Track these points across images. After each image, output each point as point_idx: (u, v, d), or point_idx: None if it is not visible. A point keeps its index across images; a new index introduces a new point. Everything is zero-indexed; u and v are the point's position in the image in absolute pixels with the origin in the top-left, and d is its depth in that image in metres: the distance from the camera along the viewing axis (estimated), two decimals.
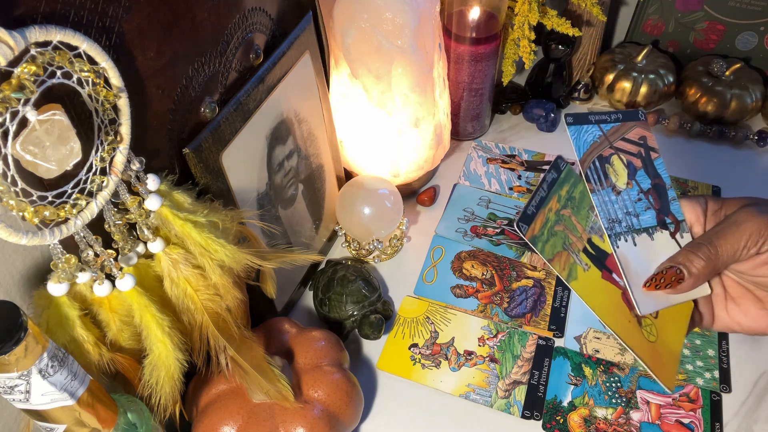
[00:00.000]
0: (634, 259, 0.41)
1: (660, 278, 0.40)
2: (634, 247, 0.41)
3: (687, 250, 0.41)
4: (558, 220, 0.40)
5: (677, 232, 0.42)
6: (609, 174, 0.41)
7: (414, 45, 0.63)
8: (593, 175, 0.41)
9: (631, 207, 0.42)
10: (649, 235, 0.42)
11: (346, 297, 0.67)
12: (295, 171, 0.64)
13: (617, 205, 0.41)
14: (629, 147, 0.43)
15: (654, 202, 0.42)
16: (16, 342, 0.33)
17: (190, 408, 0.55)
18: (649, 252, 0.41)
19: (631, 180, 0.42)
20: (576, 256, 0.40)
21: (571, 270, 0.40)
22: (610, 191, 0.41)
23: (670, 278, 0.40)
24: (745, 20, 0.89)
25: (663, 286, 0.40)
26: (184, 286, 0.47)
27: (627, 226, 0.41)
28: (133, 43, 0.41)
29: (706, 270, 0.40)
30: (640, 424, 0.61)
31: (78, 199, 0.38)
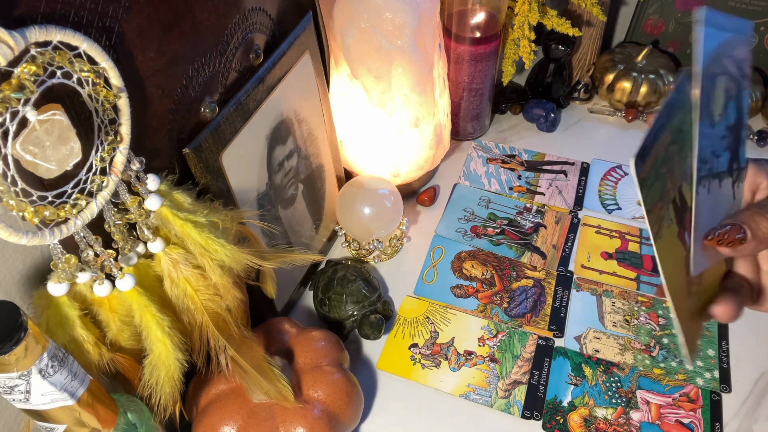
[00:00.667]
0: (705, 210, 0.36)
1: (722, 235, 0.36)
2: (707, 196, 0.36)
3: (754, 211, 0.37)
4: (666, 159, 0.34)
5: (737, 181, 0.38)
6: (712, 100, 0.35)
7: (414, 45, 0.63)
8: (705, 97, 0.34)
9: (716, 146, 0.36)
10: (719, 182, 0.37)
11: (346, 297, 0.67)
12: (295, 171, 0.64)
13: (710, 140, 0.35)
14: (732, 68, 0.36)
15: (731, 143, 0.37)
16: (16, 342, 0.33)
17: (190, 408, 0.55)
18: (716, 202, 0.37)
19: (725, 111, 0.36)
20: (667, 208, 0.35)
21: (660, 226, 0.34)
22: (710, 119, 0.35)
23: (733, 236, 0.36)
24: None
25: (725, 244, 0.36)
26: (184, 286, 0.47)
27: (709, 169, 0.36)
28: (133, 43, 0.41)
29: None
30: (640, 424, 0.60)
31: (78, 199, 0.38)
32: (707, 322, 0.38)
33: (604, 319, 0.69)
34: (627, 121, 0.90)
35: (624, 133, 0.90)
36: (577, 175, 0.84)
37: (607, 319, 0.69)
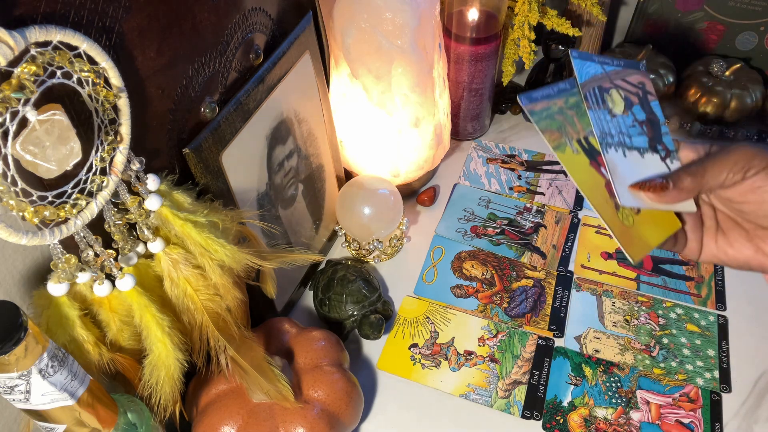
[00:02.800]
0: (622, 165, 0.43)
1: (645, 183, 0.43)
2: (623, 158, 0.44)
3: (680, 169, 0.44)
4: (560, 113, 0.43)
5: (667, 158, 0.45)
6: (607, 100, 0.44)
7: (414, 45, 0.63)
8: (591, 98, 0.43)
9: (624, 129, 0.44)
10: (639, 154, 0.44)
11: (346, 297, 0.67)
12: (295, 171, 0.64)
13: (611, 123, 0.44)
14: (628, 87, 0.46)
15: (647, 130, 0.45)
16: (16, 342, 0.33)
17: (190, 408, 0.55)
18: (638, 166, 0.44)
19: (627, 110, 0.45)
20: (569, 140, 0.43)
21: (560, 144, 0.42)
22: (606, 113, 0.44)
23: (655, 185, 0.43)
24: (745, 20, 0.89)
25: (647, 189, 0.43)
26: (184, 286, 0.47)
27: (619, 141, 0.44)
28: (133, 43, 0.41)
29: (690, 185, 0.43)
30: (640, 424, 0.60)
31: (78, 199, 0.38)
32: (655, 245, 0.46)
33: (604, 319, 0.69)
34: None
35: None
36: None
37: (607, 319, 0.69)
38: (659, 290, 0.71)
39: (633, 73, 0.47)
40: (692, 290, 0.71)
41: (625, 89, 0.46)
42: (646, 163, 0.44)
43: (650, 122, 0.46)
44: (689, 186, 0.43)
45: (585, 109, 0.43)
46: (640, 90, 0.46)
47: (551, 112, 0.43)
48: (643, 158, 0.44)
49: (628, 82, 0.46)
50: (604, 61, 0.45)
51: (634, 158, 0.44)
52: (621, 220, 0.44)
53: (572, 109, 0.44)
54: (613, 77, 0.45)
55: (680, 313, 0.69)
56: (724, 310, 0.69)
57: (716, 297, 0.70)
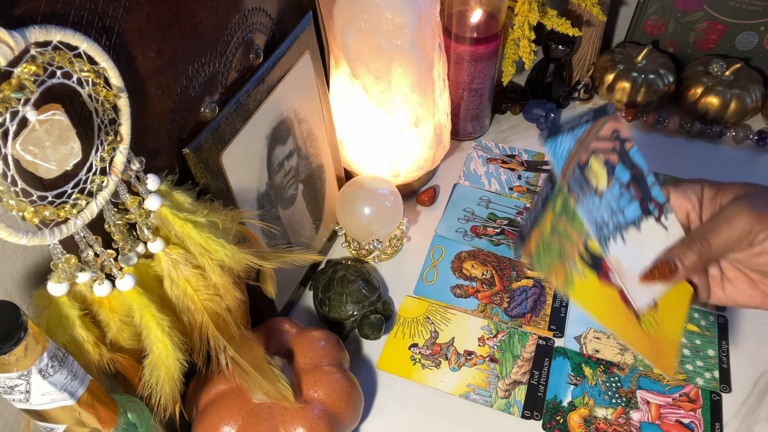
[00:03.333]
0: (626, 258, 0.43)
1: (654, 271, 0.43)
2: (624, 246, 0.43)
3: (681, 245, 0.43)
4: (553, 232, 0.42)
5: (661, 215, 0.44)
6: (590, 179, 0.43)
7: (414, 45, 0.63)
8: (576, 186, 0.42)
9: (615, 205, 0.43)
10: (636, 228, 0.44)
11: (346, 297, 0.67)
12: (295, 171, 0.64)
13: (602, 207, 0.43)
14: (604, 145, 0.44)
15: (635, 192, 0.44)
16: (16, 342, 0.33)
17: (190, 408, 0.55)
18: (640, 245, 0.43)
19: (611, 177, 0.44)
20: (572, 265, 0.42)
21: (567, 280, 0.42)
22: (593, 196, 0.43)
23: (664, 270, 0.42)
24: (745, 20, 0.89)
25: (657, 278, 0.43)
26: (184, 286, 0.47)
27: (614, 225, 0.43)
28: (133, 43, 0.41)
29: (698, 263, 0.42)
30: (640, 424, 0.61)
31: (78, 199, 0.38)
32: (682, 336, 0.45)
33: None
34: (627, 121, 0.90)
35: None
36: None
37: None
38: None
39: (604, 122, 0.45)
40: None
41: (602, 151, 0.44)
42: (645, 236, 0.43)
43: (635, 179, 0.45)
44: (696, 264, 0.42)
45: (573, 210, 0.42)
46: (616, 142, 0.45)
47: (546, 241, 0.42)
48: (641, 231, 0.44)
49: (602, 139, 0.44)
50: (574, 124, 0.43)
51: (633, 238, 0.43)
52: (647, 332, 0.43)
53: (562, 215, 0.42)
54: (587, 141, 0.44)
55: None
56: (724, 310, 0.69)
57: None
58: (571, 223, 0.42)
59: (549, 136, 0.42)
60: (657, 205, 0.44)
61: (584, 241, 0.42)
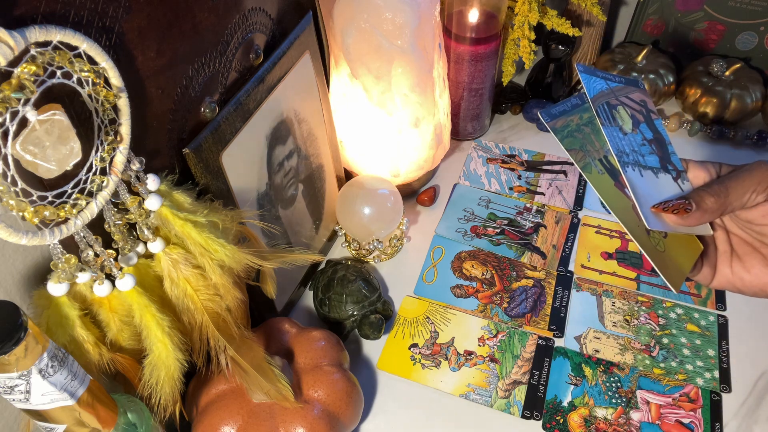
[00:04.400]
0: (641, 185, 0.43)
1: (668, 204, 0.42)
2: (641, 177, 0.43)
3: (700, 188, 0.43)
4: (578, 130, 0.43)
5: (678, 178, 0.44)
6: (616, 117, 0.44)
7: (414, 45, 0.63)
8: (603, 114, 0.43)
9: (637, 147, 0.44)
10: (653, 173, 0.44)
11: (346, 297, 0.67)
12: (295, 171, 0.64)
13: (625, 141, 0.43)
14: (633, 104, 0.46)
15: (657, 149, 0.45)
16: (16, 342, 0.33)
17: (190, 408, 0.55)
18: (655, 186, 0.43)
19: (636, 128, 0.45)
20: (592, 160, 0.42)
21: (586, 165, 0.42)
22: (618, 130, 0.43)
23: (678, 206, 0.42)
24: (745, 20, 0.89)
25: (670, 211, 0.42)
26: (184, 286, 0.47)
27: (634, 159, 0.43)
28: (133, 43, 0.41)
29: (714, 206, 0.41)
30: (640, 424, 0.60)
31: (78, 199, 0.38)
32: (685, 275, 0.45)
33: (604, 319, 0.69)
34: None
35: None
36: (577, 175, 0.84)
37: (607, 319, 0.69)
38: (659, 290, 0.71)
39: (634, 90, 0.46)
40: (692, 290, 0.71)
41: (630, 107, 0.45)
42: (661, 183, 0.44)
43: (657, 141, 0.45)
44: (712, 206, 0.41)
45: (599, 126, 0.43)
46: (643, 108, 0.46)
47: (571, 129, 0.43)
48: (658, 178, 0.44)
49: (631, 100, 0.46)
50: (608, 77, 0.45)
51: (650, 178, 0.43)
52: (654, 245, 0.43)
53: (587, 125, 0.43)
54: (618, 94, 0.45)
55: (680, 313, 0.69)
56: (724, 310, 0.69)
57: (716, 297, 0.70)
58: (595, 134, 0.43)
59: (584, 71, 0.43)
60: (675, 169, 0.45)
61: (605, 152, 0.43)
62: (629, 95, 0.46)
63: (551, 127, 0.42)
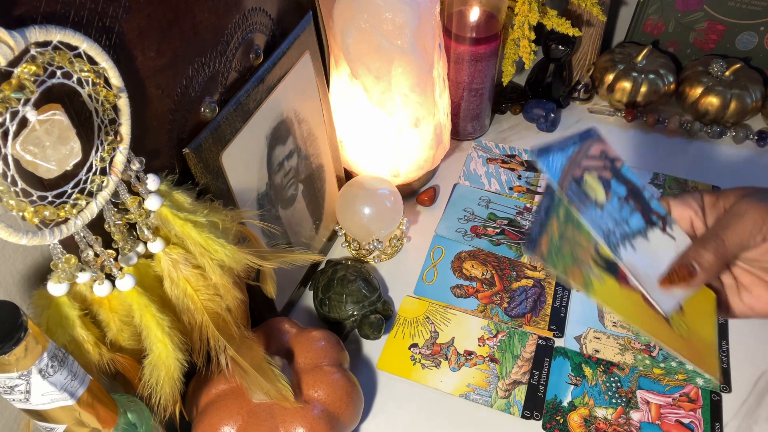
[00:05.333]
0: (640, 262, 0.42)
1: (673, 275, 0.42)
2: (635, 253, 0.42)
3: (696, 246, 0.42)
4: (561, 239, 0.42)
5: (666, 225, 0.44)
6: (588, 192, 0.43)
7: (414, 45, 0.63)
8: (575, 197, 0.42)
9: (617, 215, 0.43)
10: (644, 237, 0.43)
11: (346, 297, 0.67)
12: (295, 171, 0.64)
13: (605, 217, 0.42)
14: (595, 163, 0.44)
15: (635, 205, 0.44)
16: (16, 342, 0.33)
17: (190, 408, 0.55)
18: (651, 253, 0.43)
19: (608, 191, 0.44)
20: (588, 269, 0.41)
21: (587, 283, 0.41)
22: (594, 207, 0.42)
23: (683, 274, 0.41)
24: (745, 20, 0.89)
25: (677, 282, 0.41)
26: (184, 286, 0.47)
27: (621, 234, 0.42)
28: (133, 43, 0.41)
29: (716, 263, 0.41)
30: (640, 424, 0.61)
31: (78, 199, 0.38)
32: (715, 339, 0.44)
33: (604, 319, 0.69)
34: (627, 121, 0.90)
35: (624, 132, 0.90)
36: None
37: (607, 319, 0.69)
38: None
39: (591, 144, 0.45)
40: None
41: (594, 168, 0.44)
42: (654, 244, 0.43)
43: (633, 193, 0.44)
44: (714, 263, 0.41)
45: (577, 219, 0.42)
46: (606, 161, 0.45)
47: (557, 246, 0.41)
48: (649, 240, 0.43)
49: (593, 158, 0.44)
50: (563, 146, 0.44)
51: (643, 246, 0.43)
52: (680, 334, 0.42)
53: (567, 222, 0.42)
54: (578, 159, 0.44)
55: None
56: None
57: None
58: (578, 229, 0.42)
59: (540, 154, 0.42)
60: (659, 217, 0.44)
61: (594, 246, 0.42)
62: (588, 153, 0.44)
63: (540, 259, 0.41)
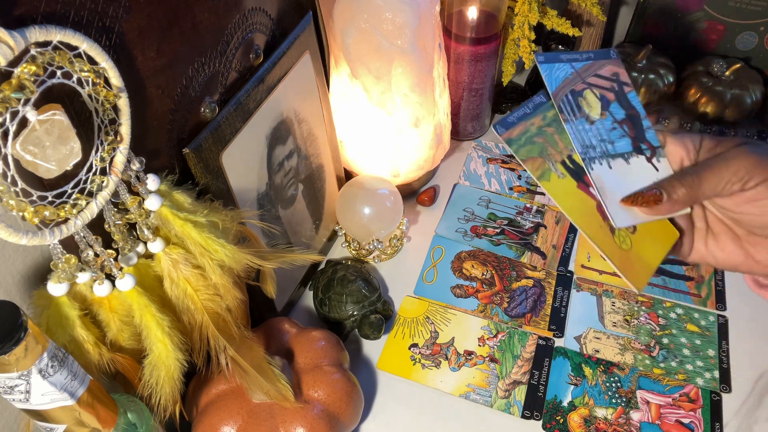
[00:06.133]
0: (609, 179, 0.42)
1: (638, 196, 0.41)
2: (610, 170, 0.42)
3: (672, 177, 0.42)
4: (539, 134, 0.42)
5: (653, 156, 0.43)
6: (582, 106, 0.42)
7: (414, 45, 0.63)
8: (566, 107, 0.42)
9: (606, 135, 0.43)
10: (624, 160, 0.43)
11: (346, 297, 0.67)
12: (295, 171, 0.64)
13: (591, 133, 0.42)
14: (602, 82, 0.44)
15: (629, 130, 0.44)
16: (16, 342, 0.33)
17: (190, 408, 0.55)
18: (626, 175, 0.42)
19: (605, 111, 0.43)
20: (552, 164, 0.41)
21: (544, 172, 0.41)
22: (584, 121, 0.42)
23: (648, 198, 0.41)
24: (745, 20, 0.89)
25: (639, 204, 0.41)
26: (184, 286, 0.47)
27: (602, 151, 0.42)
28: (133, 43, 0.41)
29: (685, 197, 0.41)
30: (640, 424, 0.60)
31: (78, 199, 0.38)
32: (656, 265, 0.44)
33: (604, 319, 0.69)
34: None
35: None
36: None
37: (607, 319, 0.69)
38: (659, 290, 0.71)
39: (605, 64, 0.44)
40: (692, 290, 0.71)
41: (599, 86, 0.43)
42: (633, 169, 0.43)
43: (630, 119, 0.44)
44: (683, 197, 0.41)
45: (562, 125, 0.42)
46: (614, 83, 0.44)
47: (530, 135, 0.41)
48: (629, 164, 0.43)
49: (601, 77, 0.44)
50: (573, 58, 0.43)
51: (620, 167, 0.42)
52: (618, 244, 0.42)
53: (551, 125, 0.42)
54: (585, 74, 0.43)
55: (680, 313, 0.69)
56: (724, 310, 0.69)
57: (716, 297, 0.70)
58: (558, 133, 0.42)
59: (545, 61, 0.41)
60: (650, 147, 0.43)
61: (570, 152, 0.42)
62: (599, 72, 0.44)
63: (506, 140, 0.41)
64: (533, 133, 0.41)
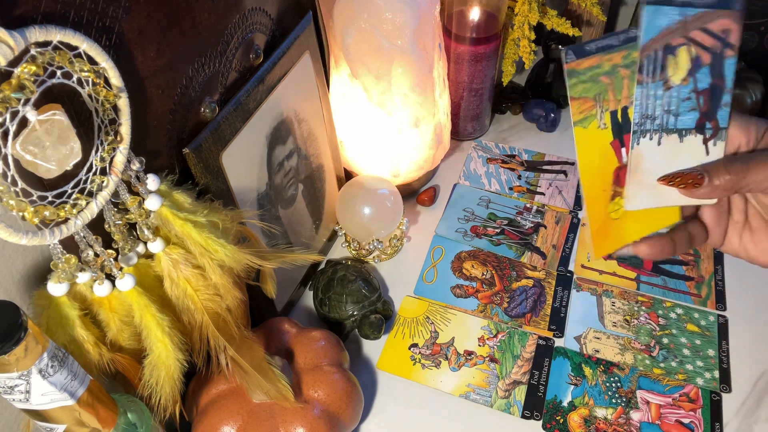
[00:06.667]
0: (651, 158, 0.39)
1: (678, 176, 0.39)
2: (657, 146, 0.39)
3: (719, 163, 0.39)
4: (611, 72, 0.38)
5: (712, 138, 0.40)
6: (668, 66, 0.38)
7: (414, 45, 0.63)
8: (649, 66, 0.38)
9: (674, 105, 0.39)
10: (679, 137, 0.40)
11: (346, 297, 0.67)
12: (295, 171, 0.64)
13: (660, 101, 0.39)
14: (706, 39, 0.39)
15: (703, 103, 0.40)
16: (16, 342, 0.33)
17: (190, 408, 0.55)
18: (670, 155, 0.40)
19: (690, 77, 0.39)
20: (601, 111, 0.38)
21: (586, 117, 0.38)
22: (660, 85, 0.39)
23: (688, 180, 0.39)
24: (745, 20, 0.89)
25: (677, 184, 0.39)
26: (184, 286, 0.47)
27: (660, 124, 0.39)
28: (133, 43, 0.41)
29: (727, 185, 0.38)
30: (640, 424, 0.60)
31: (78, 199, 0.38)
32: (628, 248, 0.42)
33: (604, 319, 0.69)
34: None
35: None
36: (577, 175, 0.84)
37: (607, 319, 0.69)
38: (659, 290, 0.71)
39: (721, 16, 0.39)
40: (692, 290, 0.71)
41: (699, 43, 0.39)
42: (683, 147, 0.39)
43: (712, 90, 0.40)
44: (725, 184, 0.38)
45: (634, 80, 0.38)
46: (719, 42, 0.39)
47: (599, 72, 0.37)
48: (681, 142, 0.39)
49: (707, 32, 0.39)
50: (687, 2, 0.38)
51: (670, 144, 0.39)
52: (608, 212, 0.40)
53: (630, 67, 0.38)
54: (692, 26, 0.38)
55: (680, 313, 0.69)
56: (724, 310, 0.69)
57: (716, 297, 0.70)
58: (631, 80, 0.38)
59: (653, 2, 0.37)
60: (715, 126, 0.40)
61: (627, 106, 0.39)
62: (708, 24, 0.39)
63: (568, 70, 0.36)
64: (605, 70, 0.38)
